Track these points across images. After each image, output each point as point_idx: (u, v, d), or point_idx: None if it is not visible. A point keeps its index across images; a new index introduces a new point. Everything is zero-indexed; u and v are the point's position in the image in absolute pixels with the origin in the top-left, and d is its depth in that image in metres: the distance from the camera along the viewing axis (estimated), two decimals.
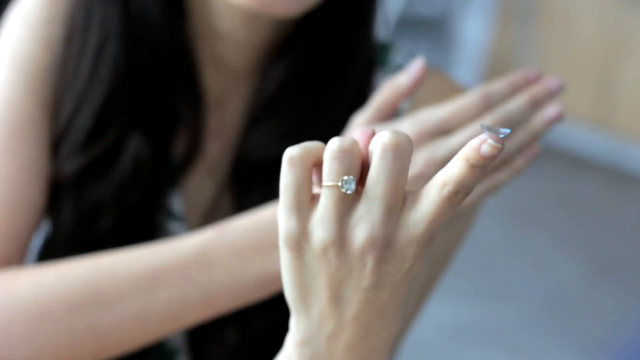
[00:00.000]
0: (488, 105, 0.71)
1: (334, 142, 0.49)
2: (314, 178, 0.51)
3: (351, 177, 0.49)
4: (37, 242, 0.83)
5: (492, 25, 3.91)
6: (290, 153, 0.49)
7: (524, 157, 0.72)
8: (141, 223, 0.81)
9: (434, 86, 0.82)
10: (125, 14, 0.78)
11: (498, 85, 0.73)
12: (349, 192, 0.49)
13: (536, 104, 0.72)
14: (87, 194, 0.79)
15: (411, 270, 0.50)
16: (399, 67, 0.84)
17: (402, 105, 0.79)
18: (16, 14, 0.82)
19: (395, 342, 0.79)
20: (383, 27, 0.86)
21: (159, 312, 0.70)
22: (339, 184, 0.49)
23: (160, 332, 0.71)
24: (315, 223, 0.49)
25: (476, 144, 0.46)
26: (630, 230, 3.19)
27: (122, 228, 0.79)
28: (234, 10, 0.79)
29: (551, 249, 2.95)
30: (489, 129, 0.46)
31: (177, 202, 0.82)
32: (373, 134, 0.51)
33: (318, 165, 0.51)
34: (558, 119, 0.71)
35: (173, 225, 0.82)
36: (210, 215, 0.83)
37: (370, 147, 0.49)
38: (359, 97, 0.82)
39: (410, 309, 0.54)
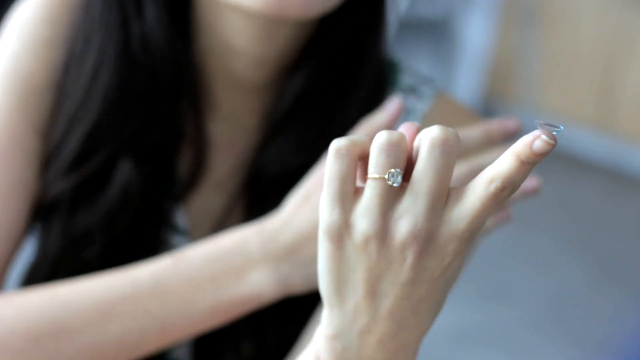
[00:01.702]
0: (461, 152, 0.71)
1: (382, 135, 0.49)
2: (358, 171, 0.51)
3: (398, 169, 0.49)
4: (24, 259, 0.83)
5: (495, 28, 3.91)
6: (337, 145, 0.50)
7: (493, 219, 0.72)
8: (140, 240, 0.80)
9: (442, 111, 0.83)
10: (124, 40, 0.77)
11: (474, 131, 0.73)
12: (395, 184, 0.49)
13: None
14: (75, 222, 0.78)
15: (450, 267, 0.50)
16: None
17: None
18: (14, 26, 0.81)
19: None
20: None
21: (114, 342, 0.70)
22: (385, 176, 0.49)
23: None
24: (358, 215, 0.50)
25: (529, 139, 0.46)
26: (632, 232, 3.20)
27: (110, 254, 0.79)
28: (248, 24, 0.77)
29: (553, 251, 2.95)
30: (542, 125, 0.46)
31: (181, 216, 0.81)
32: (418, 129, 0.51)
33: (361, 158, 0.51)
34: (534, 191, 0.71)
35: (176, 239, 0.81)
36: (218, 229, 0.82)
37: (415, 143, 0.50)
38: (370, 111, 0.82)
39: (441, 309, 0.54)
